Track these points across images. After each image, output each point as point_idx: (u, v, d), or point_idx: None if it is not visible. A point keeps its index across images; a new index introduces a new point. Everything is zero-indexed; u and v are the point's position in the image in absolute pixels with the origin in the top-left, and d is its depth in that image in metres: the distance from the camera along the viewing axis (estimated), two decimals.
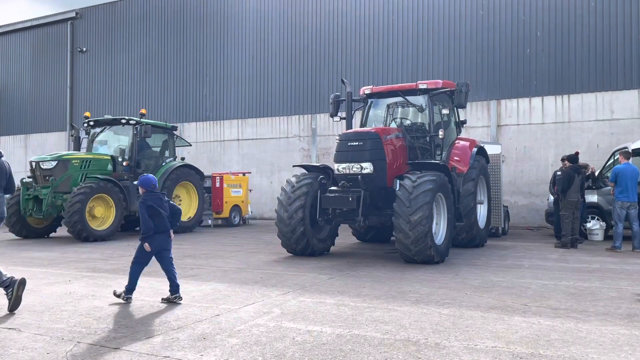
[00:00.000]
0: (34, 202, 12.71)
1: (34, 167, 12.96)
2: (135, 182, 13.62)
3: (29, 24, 26.92)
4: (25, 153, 26.56)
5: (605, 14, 15.86)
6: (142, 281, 6.93)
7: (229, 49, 21.94)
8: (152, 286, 6.58)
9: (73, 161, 13.12)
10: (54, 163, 12.86)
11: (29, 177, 13.24)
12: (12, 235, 13.78)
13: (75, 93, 25.55)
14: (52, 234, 13.96)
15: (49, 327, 4.66)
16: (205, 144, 22.13)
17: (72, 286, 6.61)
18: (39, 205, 12.68)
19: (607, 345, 4.01)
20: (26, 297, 5.91)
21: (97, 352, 3.93)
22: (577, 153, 11.63)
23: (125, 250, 10.59)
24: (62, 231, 14.29)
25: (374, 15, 19.22)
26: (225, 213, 17.28)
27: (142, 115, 14.57)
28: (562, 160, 12.36)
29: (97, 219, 12.71)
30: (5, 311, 5.25)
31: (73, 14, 25.55)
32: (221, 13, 22.15)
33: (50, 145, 25.55)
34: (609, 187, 12.23)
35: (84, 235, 12.12)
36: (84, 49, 25.22)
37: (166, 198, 6.02)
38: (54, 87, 26.09)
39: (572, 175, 10.98)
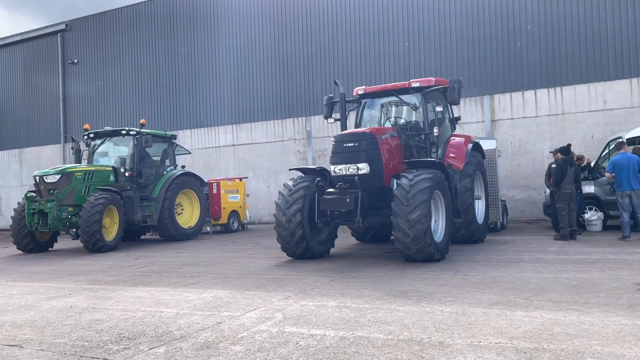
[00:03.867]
0: (39, 216, 12.72)
1: (37, 181, 12.99)
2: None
3: (19, 38, 26.87)
4: (21, 167, 26.50)
5: (594, 4, 15.92)
6: (143, 292, 6.93)
7: (220, 54, 21.93)
8: (153, 296, 6.56)
9: (76, 174, 13.14)
10: (58, 176, 12.88)
11: (32, 192, 13.25)
12: (10, 251, 13.74)
13: (68, 105, 25.50)
14: (54, 247, 13.96)
15: (51, 342, 4.64)
16: (201, 151, 22.11)
17: (73, 299, 6.58)
18: (45, 219, 12.70)
19: (610, 337, 4.01)
20: (27, 312, 5.89)
21: None
22: (569, 145, 11.67)
23: (125, 261, 10.57)
24: (62, 243, 14.26)
25: (364, 15, 19.25)
26: (224, 219, 17.26)
27: (142, 125, 14.65)
28: (552, 153, 12.40)
29: (105, 229, 12.76)
30: (6, 328, 5.22)
31: (63, 26, 25.51)
32: (211, 19, 22.15)
33: (45, 159, 25.49)
34: (605, 178, 12.27)
35: (99, 245, 12.20)
36: (75, 61, 25.18)
37: None
38: (47, 100, 26.04)
39: (564, 167, 11.01)
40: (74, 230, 14.74)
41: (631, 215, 10.56)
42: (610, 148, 12.56)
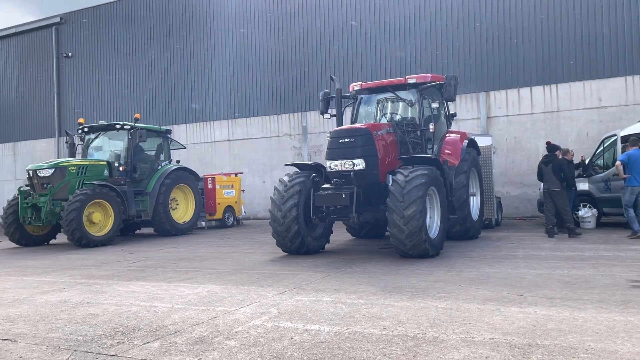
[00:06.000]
0: (33, 210, 12.69)
1: (31, 175, 12.94)
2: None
3: (13, 31, 26.67)
4: (15, 161, 26.36)
5: (590, 2, 15.94)
6: (137, 286, 6.92)
7: (216, 49, 21.85)
8: (147, 291, 6.55)
9: (70, 168, 13.09)
10: (51, 171, 12.83)
11: (26, 186, 13.21)
12: (4, 245, 13.68)
13: (62, 99, 25.36)
14: (52, 241, 13.95)
15: (44, 336, 4.62)
16: (196, 146, 22.05)
17: (67, 294, 6.56)
18: (38, 213, 12.68)
19: (603, 333, 4.04)
20: (21, 307, 5.87)
21: None
22: (547, 143, 11.75)
23: (119, 256, 10.54)
24: (61, 238, 14.21)
25: (360, 10, 19.20)
26: (219, 214, 17.24)
27: (137, 119, 14.59)
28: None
29: (96, 224, 12.70)
30: None
31: (57, 19, 25.34)
32: (207, 13, 22.05)
33: (39, 153, 25.36)
34: (600, 175, 12.31)
35: (83, 241, 12.12)
36: (70, 54, 25.02)
37: None
38: (41, 94, 25.88)
39: (540, 167, 11.33)
40: None
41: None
42: (606, 145, 12.60)
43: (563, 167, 11.05)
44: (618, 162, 10.50)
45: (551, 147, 11.34)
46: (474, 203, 11.28)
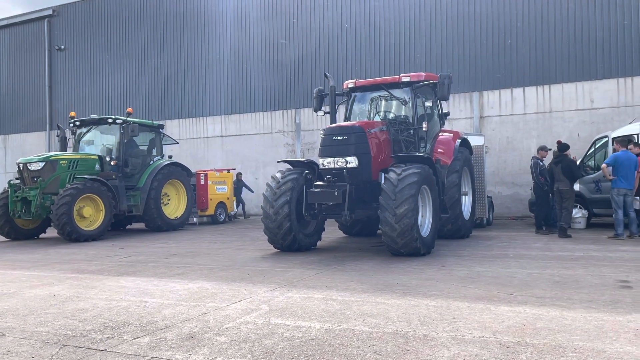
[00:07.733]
0: (23, 203, 12.59)
1: (21, 168, 12.84)
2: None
3: (5, 23, 26.41)
4: (5, 154, 26.14)
5: (584, 5, 16.02)
6: (128, 281, 6.89)
7: (211, 44, 21.75)
8: (138, 286, 6.52)
9: (61, 162, 13.00)
10: (42, 164, 12.73)
11: (16, 179, 13.10)
12: None
13: (54, 92, 25.15)
14: (42, 235, 13.86)
15: (33, 330, 4.59)
16: (189, 141, 21.95)
17: (56, 288, 6.52)
18: (28, 206, 12.58)
19: (592, 332, 4.07)
20: (9, 300, 5.82)
21: (84, 355, 3.88)
22: (558, 142, 11.77)
23: (110, 251, 10.48)
24: (51, 232, 14.11)
25: (355, 8, 19.18)
26: (211, 210, 17.21)
27: (129, 114, 14.51)
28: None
29: (87, 219, 12.62)
30: None
31: (50, 12, 25.10)
32: (201, 8, 21.94)
33: (29, 146, 25.15)
34: (590, 176, 12.39)
35: (73, 236, 12.04)
36: (62, 47, 24.81)
37: None
38: (32, 87, 25.66)
39: (550, 167, 11.47)
40: None
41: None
42: (597, 147, 12.67)
43: (572, 167, 11.09)
44: (604, 165, 10.52)
45: (562, 147, 11.22)
46: (466, 202, 11.32)
